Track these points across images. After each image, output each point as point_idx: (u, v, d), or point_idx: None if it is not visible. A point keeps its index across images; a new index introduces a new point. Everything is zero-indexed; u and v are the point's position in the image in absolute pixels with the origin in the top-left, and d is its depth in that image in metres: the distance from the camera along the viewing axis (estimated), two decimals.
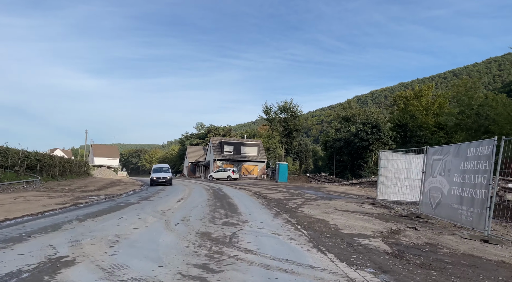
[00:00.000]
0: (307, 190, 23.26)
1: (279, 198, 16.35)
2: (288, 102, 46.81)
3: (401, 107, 37.38)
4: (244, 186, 28.76)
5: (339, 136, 57.24)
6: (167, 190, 22.78)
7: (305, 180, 46.07)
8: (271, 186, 29.57)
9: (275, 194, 19.48)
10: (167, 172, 26.59)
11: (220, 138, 62.79)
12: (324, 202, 14.28)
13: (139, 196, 18.34)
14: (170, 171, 27.03)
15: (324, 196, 17.78)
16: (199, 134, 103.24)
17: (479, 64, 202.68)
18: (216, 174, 47.62)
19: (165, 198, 16.28)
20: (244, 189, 24.96)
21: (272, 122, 47.88)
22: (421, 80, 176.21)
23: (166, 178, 26.05)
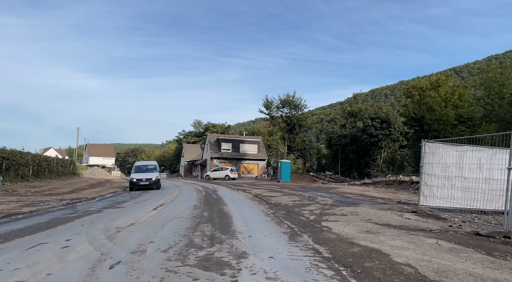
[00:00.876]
0: (317, 192, 19.64)
1: (288, 204, 12.73)
2: (290, 95, 43.18)
3: (416, 99, 33.96)
4: (243, 187, 25.15)
5: (344, 133, 53.62)
6: (151, 192, 19.12)
7: (309, 179, 42.49)
8: (274, 186, 25.97)
9: (281, 197, 15.86)
10: (153, 172, 20.51)
11: (217, 135, 59.14)
12: (349, 210, 10.65)
13: (111, 201, 14.70)
14: (157, 170, 20.92)
15: (343, 201, 14.15)
16: (197, 132, 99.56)
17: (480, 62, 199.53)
18: (213, 174, 44.00)
19: (141, 204, 12.65)
20: (243, 190, 21.36)
21: (274, 117, 44.21)
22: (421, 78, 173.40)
23: (150, 179, 19.93)
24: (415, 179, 21.58)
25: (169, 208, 11.34)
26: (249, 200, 14.48)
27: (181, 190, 22.08)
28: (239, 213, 9.85)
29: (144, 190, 20.10)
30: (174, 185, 29.13)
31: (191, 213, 9.72)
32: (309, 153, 42.97)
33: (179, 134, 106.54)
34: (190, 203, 13.03)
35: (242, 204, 12.81)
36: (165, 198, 15.17)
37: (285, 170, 38.57)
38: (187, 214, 9.59)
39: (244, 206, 11.82)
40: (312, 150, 43.21)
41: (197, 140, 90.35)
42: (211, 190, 22.27)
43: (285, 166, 38.62)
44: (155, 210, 10.76)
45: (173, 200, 14.30)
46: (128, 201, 14.41)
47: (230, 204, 12.73)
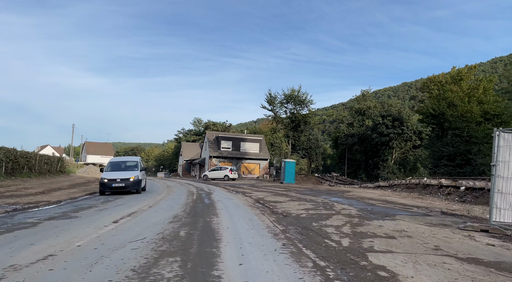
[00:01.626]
0: (331, 196, 16.47)
1: (300, 214, 9.57)
2: (295, 90, 39.98)
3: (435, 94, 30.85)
4: (243, 189, 22.01)
5: (352, 131, 50.40)
6: (131, 196, 15.95)
7: (315, 181, 39.31)
8: (278, 189, 22.82)
9: (289, 203, 12.70)
10: (133, 171, 15.85)
11: (217, 133, 56.01)
12: (391, 227, 7.48)
13: (73, 207, 11.57)
14: (138, 168, 16.16)
15: (370, 210, 10.97)
16: (197, 130, 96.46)
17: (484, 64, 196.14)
18: (211, 174, 40.88)
19: (104, 213, 9.51)
20: (243, 193, 18.22)
21: (277, 113, 41.02)
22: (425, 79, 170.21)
23: (127, 180, 15.22)
24: (445, 183, 18.39)
25: (137, 220, 8.19)
26: (249, 208, 11.31)
27: (170, 192, 18.93)
28: (233, 232, 6.69)
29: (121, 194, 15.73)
30: (166, 186, 26.02)
31: (161, 232, 6.55)
32: (315, 152, 39.71)
33: (178, 132, 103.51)
34: (171, 211, 9.87)
35: (239, 214, 9.64)
36: (143, 204, 12.02)
37: (289, 171, 35.41)
38: (154, 233, 6.43)
39: (242, 219, 8.65)
40: (318, 150, 39.96)
41: (197, 139, 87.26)
42: (205, 192, 19.12)
43: (289, 166, 35.46)
44: (115, 223, 7.61)
45: (152, 207, 11.15)
46: (94, 207, 11.27)
47: (223, 214, 9.56)
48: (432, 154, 30.62)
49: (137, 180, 15.68)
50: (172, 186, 26.00)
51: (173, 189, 21.90)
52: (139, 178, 15.78)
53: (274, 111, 40.88)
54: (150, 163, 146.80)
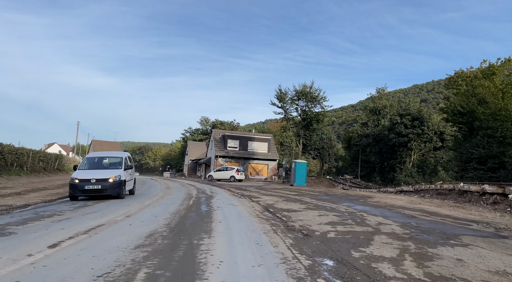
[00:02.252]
0: (354, 204, 13.77)
1: (327, 232, 6.90)
2: (307, 86, 37.21)
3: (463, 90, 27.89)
4: (250, 192, 19.39)
5: (366, 132, 47.43)
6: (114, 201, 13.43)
7: (327, 183, 36.53)
8: (289, 192, 20.15)
9: (307, 213, 10.03)
10: (115, 169, 12.81)
11: (223, 131, 53.52)
12: (479, 263, 4.80)
13: (33, 214, 9.10)
14: (123, 166, 12.96)
15: (416, 226, 8.24)
16: (204, 129, 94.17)
17: None
18: (217, 174, 38.39)
19: (55, 227, 6.96)
20: (249, 197, 15.60)
21: (287, 111, 38.31)
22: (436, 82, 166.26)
23: (105, 181, 12.22)
24: (489, 189, 15.50)
25: (92, 241, 5.61)
26: (256, 220, 8.66)
27: (166, 195, 16.41)
28: (228, 274, 4.07)
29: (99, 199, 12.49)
30: (165, 187, 23.57)
31: (107, 272, 3.96)
32: (328, 153, 36.76)
33: (185, 131, 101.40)
34: (150, 225, 7.28)
35: (242, 231, 6.99)
36: (121, 212, 9.48)
37: (300, 172, 32.70)
38: (92, 275, 3.84)
39: (246, 241, 5.99)
40: (331, 150, 36.99)
41: (204, 138, 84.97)
42: (206, 195, 16.55)
43: (300, 167, 32.76)
44: (51, 248, 5.04)
45: (130, 216, 8.60)
46: (56, 215, 8.77)
47: (220, 231, 6.93)
48: (459, 156, 27.63)
49: (119, 181, 12.44)
50: (171, 188, 23.53)
51: (171, 191, 19.40)
52: (121, 178, 12.57)
53: (284, 108, 38.19)
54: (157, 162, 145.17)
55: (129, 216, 8.66)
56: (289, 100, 37.64)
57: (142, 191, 19.36)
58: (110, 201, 12.12)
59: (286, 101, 37.66)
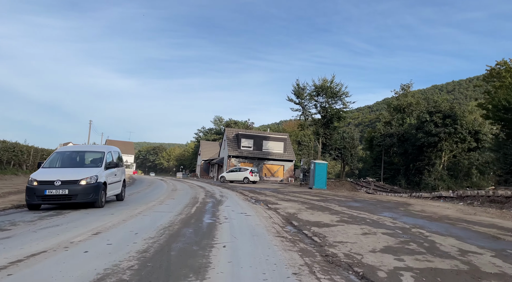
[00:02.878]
0: (397, 214, 10.98)
1: (396, 270, 4.22)
2: (327, 80, 34.29)
3: (508, 82, 24.60)
4: (266, 196, 16.76)
5: (390, 131, 44.10)
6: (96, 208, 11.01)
7: (349, 187, 33.50)
8: (310, 197, 17.41)
9: (344, 229, 7.32)
10: (92, 168, 9.87)
11: (237, 130, 51.08)
12: None
13: None
14: (103, 164, 9.89)
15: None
16: (217, 129, 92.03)
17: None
18: (229, 175, 35.90)
19: None
20: (265, 203, 12.99)
21: (306, 107, 35.44)
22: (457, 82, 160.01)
23: (74, 184, 9.15)
24: None
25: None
26: (278, 243, 6.00)
27: (166, 200, 13.96)
28: None
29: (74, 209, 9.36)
30: (170, 189, 21.24)
31: None
32: (350, 153, 33.64)
33: (199, 131, 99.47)
34: (114, 255, 4.72)
35: (258, 271, 4.36)
36: (91, 226, 6.98)
37: (319, 174, 29.88)
38: None
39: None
40: (353, 150, 33.84)
41: (217, 138, 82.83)
42: (214, 200, 14.01)
43: (320, 168, 29.93)
44: None
45: (99, 234, 6.09)
46: (2, 228, 6.36)
47: (222, 269, 4.30)
48: (503, 158, 24.32)
49: (95, 184, 9.25)
50: (177, 190, 21.16)
51: (175, 194, 16.96)
52: (99, 180, 9.38)
53: (302, 104, 35.31)
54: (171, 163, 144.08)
55: (98, 233, 6.15)
56: (307, 96, 34.81)
57: (142, 194, 17.02)
58: (86, 210, 9.67)
59: (304, 97, 34.83)
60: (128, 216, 8.48)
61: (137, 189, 21.00)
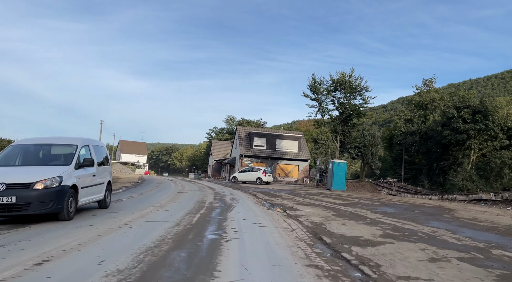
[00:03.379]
0: (456, 226, 8.80)
1: None
2: (346, 74, 31.96)
3: None
4: (282, 199, 14.71)
5: (411, 129, 41.45)
6: (63, 221, 9.15)
7: (370, 188, 31.14)
8: (332, 200, 15.27)
9: (400, 251, 5.21)
10: (57, 166, 7.38)
11: (249, 128, 49.16)
12: None
13: None
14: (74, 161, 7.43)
15: None
16: (229, 129, 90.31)
17: None
18: (242, 175, 33.97)
19: None
20: (283, 208, 10.96)
21: (322, 103, 33.18)
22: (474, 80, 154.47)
23: (26, 189, 6.61)
24: None
25: None
26: (309, 276, 3.95)
27: (167, 204, 12.07)
28: None
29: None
30: (177, 191, 19.41)
31: None
32: (371, 152, 31.20)
33: (211, 131, 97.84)
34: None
35: None
36: (45, 248, 5.07)
37: (338, 174, 27.69)
38: None
39: None
40: (374, 149, 31.36)
41: (229, 137, 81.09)
42: (223, 205, 12.04)
43: (339, 168, 27.74)
44: None
45: (46, 263, 4.15)
46: None
47: None
48: None
49: (57, 189, 6.85)
50: (184, 191, 19.30)
51: (180, 197, 15.07)
52: (63, 183, 6.96)
53: (319, 100, 33.05)
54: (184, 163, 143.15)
55: (44, 262, 4.21)
56: (324, 91, 32.56)
57: (144, 197, 15.19)
58: (46, 225, 7.77)
59: (321, 92, 32.58)
60: (109, 229, 6.55)
61: (141, 191, 19.24)
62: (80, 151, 7.68)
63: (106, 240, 5.60)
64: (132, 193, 17.44)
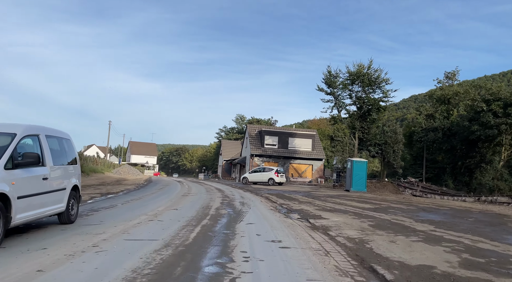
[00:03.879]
0: None
1: None
2: (364, 66, 29.59)
3: None
4: (299, 203, 12.60)
5: (434, 125, 38.79)
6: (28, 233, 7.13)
7: (392, 188, 28.72)
8: (358, 203, 13.08)
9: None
10: None
11: (260, 126, 47.13)
12: None
13: None
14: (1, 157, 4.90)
15: None
16: (239, 128, 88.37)
17: None
18: (252, 176, 31.93)
19: None
20: (303, 215, 8.86)
21: (338, 97, 30.87)
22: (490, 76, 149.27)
23: None
24: None
25: None
26: None
27: (165, 211, 10.11)
28: None
29: None
30: (181, 195, 17.46)
31: None
32: (393, 150, 28.75)
33: (220, 130, 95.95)
34: None
35: None
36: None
37: (358, 174, 25.43)
38: None
39: None
40: (396, 146, 28.90)
41: (239, 137, 79.16)
42: (231, 212, 9.99)
43: (359, 167, 25.47)
44: None
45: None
46: None
47: None
48: None
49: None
50: (190, 194, 17.37)
51: (182, 202, 13.09)
52: None
53: (335, 94, 30.75)
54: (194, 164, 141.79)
55: None
56: (340, 84, 30.24)
57: (141, 202, 13.24)
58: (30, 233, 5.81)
59: (336, 86, 30.28)
60: (65, 256, 4.55)
61: (142, 194, 17.36)
62: (21, 143, 5.39)
63: (46, 279, 3.60)
64: (132, 196, 15.57)
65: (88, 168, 39.45)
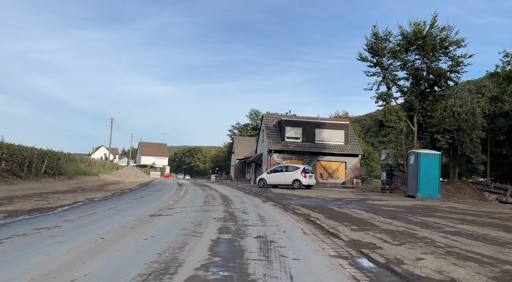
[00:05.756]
0: None
1: None
2: (425, 24, 21.46)
3: None
4: (372, 228, 4.82)
5: (502, 110, 30.24)
6: None
7: (471, 192, 20.43)
8: (472, 226, 5.28)
9: None
10: None
11: (279, 116, 39.45)
12: None
13: None
14: None
15: None
16: (254, 125, 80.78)
17: None
18: (272, 177, 24.33)
19: None
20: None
21: (388, 69, 22.80)
22: None
23: None
24: None
25: None
26: None
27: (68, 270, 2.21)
28: None
29: None
30: (151, 213, 9.86)
31: None
32: (470, 138, 20.26)
33: (233, 127, 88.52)
34: None
35: None
36: None
37: (427, 173, 17.54)
38: None
39: None
40: (475, 133, 20.34)
41: (254, 134, 71.65)
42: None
43: (428, 163, 17.57)
44: None
45: None
46: None
47: None
48: None
49: None
50: (168, 213, 9.77)
51: (138, 233, 5.40)
52: None
53: (383, 65, 22.68)
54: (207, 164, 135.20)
55: None
56: (389, 52, 22.17)
57: (67, 229, 5.64)
58: None
59: (385, 54, 22.25)
60: None
61: (90, 211, 9.92)
62: None
63: None
64: (59, 218, 8.12)
65: (72, 169, 32.56)
